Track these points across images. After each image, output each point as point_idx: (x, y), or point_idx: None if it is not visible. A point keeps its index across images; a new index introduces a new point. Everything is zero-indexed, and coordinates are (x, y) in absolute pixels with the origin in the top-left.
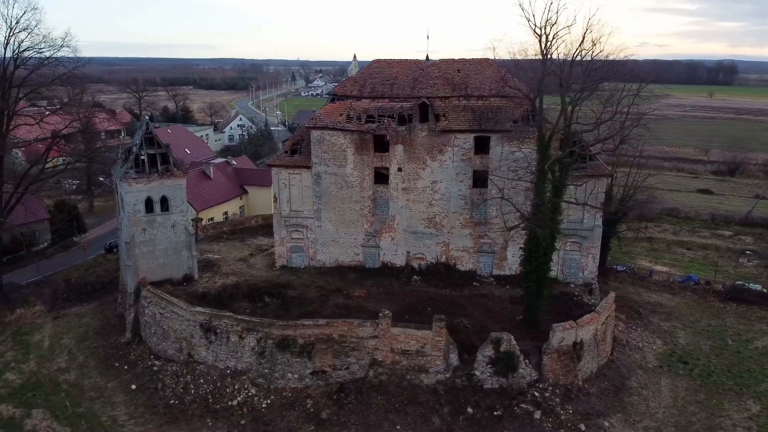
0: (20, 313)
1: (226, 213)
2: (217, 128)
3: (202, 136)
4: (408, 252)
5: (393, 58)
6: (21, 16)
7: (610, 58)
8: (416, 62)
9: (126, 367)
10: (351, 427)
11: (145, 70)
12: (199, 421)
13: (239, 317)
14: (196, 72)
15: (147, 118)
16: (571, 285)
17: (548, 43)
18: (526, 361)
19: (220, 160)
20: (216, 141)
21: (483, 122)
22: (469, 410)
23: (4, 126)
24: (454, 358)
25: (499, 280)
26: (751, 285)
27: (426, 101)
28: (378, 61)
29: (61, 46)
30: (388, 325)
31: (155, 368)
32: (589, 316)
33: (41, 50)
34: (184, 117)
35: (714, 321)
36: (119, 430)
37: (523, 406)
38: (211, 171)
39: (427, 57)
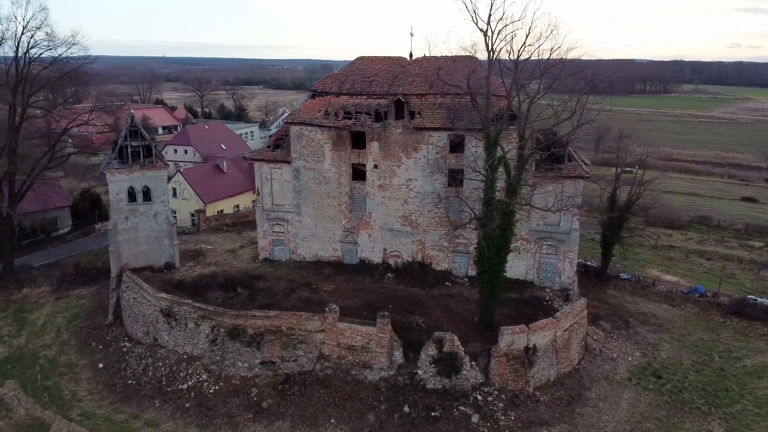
0: (26, 292)
1: (237, 206)
2: (265, 125)
3: (245, 134)
4: (385, 249)
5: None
6: (32, 17)
7: (568, 56)
8: (398, 60)
9: (101, 346)
10: (287, 417)
11: (221, 69)
12: (149, 401)
13: (196, 305)
14: (268, 72)
15: (132, 111)
16: (547, 290)
17: (494, 39)
18: (473, 363)
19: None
20: (261, 138)
21: (457, 120)
22: (406, 409)
23: (17, 121)
24: (398, 355)
25: (473, 281)
26: (760, 299)
27: (402, 98)
28: (361, 59)
29: (72, 44)
30: (335, 320)
31: (125, 350)
32: (544, 321)
33: (51, 48)
34: (239, 115)
35: (708, 335)
36: (76, 404)
37: (462, 408)
38: (225, 165)
39: (410, 54)
